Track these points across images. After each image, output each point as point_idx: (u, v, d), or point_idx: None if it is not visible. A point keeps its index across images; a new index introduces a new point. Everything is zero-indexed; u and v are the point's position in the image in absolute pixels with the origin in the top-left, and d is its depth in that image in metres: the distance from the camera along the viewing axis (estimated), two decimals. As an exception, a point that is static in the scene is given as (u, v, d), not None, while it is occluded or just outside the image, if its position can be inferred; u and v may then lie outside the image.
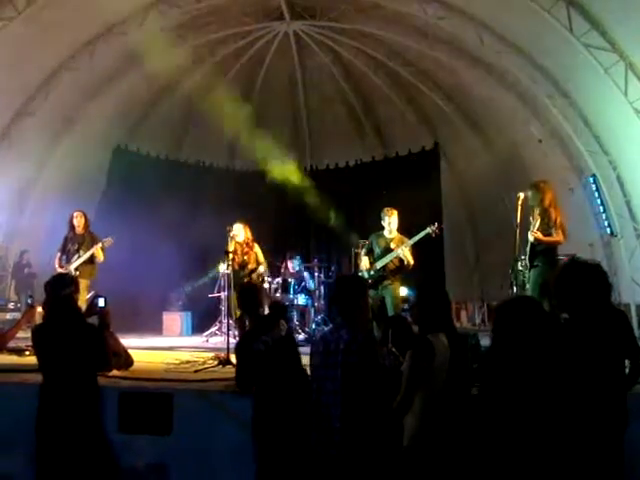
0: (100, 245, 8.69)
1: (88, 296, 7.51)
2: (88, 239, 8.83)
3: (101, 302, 4.75)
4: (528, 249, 7.02)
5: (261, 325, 4.64)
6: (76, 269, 8.59)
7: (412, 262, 8.02)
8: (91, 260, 8.72)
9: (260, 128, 15.39)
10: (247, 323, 7.51)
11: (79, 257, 8.66)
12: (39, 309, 4.91)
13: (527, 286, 7.10)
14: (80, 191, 12.87)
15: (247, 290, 5.22)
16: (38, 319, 4.74)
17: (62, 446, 4.13)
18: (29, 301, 5.37)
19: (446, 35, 12.19)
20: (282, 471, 4.31)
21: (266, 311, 5.33)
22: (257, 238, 9.79)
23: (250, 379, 4.61)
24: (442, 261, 13.20)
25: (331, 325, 4.11)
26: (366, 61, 14.64)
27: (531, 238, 6.92)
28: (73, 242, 8.84)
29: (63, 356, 4.21)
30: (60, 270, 8.51)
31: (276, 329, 4.52)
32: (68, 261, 8.71)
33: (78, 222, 8.90)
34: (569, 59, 10.41)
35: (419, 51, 13.18)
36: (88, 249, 8.68)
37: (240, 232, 9.17)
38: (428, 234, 8.16)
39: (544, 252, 6.97)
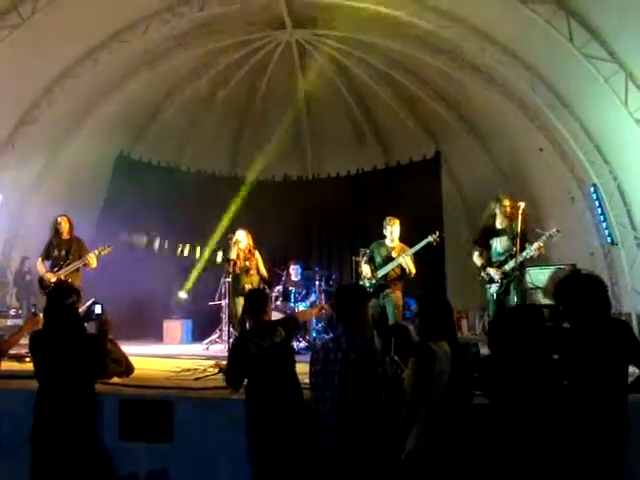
0: (97, 252, 8.61)
1: (88, 303, 7.45)
2: (75, 245, 8.69)
3: (98, 309, 4.77)
4: (517, 263, 7.09)
5: (259, 329, 4.69)
6: (67, 276, 8.43)
7: (414, 271, 8.04)
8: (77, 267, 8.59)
9: (262, 136, 15.47)
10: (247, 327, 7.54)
11: (69, 264, 8.50)
12: (41, 316, 4.93)
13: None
14: (82, 198, 12.91)
15: (255, 294, 5.32)
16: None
17: (57, 453, 4.14)
18: (32, 309, 5.35)
19: (447, 44, 12.22)
20: (277, 475, 4.33)
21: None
22: (258, 246, 9.79)
23: (239, 377, 4.68)
24: (443, 270, 13.20)
25: (332, 334, 4.16)
26: (367, 70, 14.68)
27: (536, 253, 7.04)
28: (60, 248, 8.64)
29: (60, 364, 4.21)
30: (51, 277, 8.43)
31: (272, 335, 4.56)
32: (55, 267, 8.56)
33: (63, 227, 8.69)
34: (569, 69, 10.43)
35: (421, 60, 13.21)
36: (76, 255, 8.58)
37: (243, 238, 9.15)
38: (429, 243, 8.18)
39: (522, 264, 7.28)
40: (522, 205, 7.14)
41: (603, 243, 11.94)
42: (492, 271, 7.30)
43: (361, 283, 8.09)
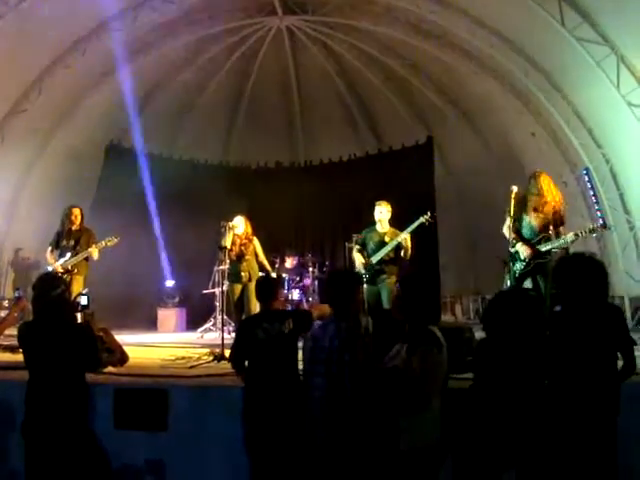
0: (103, 243, 8.57)
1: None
2: (85, 236, 8.66)
3: (83, 300, 4.75)
4: (552, 247, 6.90)
5: (268, 315, 4.69)
6: (73, 266, 8.43)
7: (410, 252, 7.95)
8: (86, 257, 8.59)
9: (254, 123, 15.43)
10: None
11: (76, 254, 8.45)
12: (26, 301, 4.91)
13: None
14: (74, 187, 12.86)
15: (264, 281, 5.29)
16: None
17: (50, 444, 4.12)
18: (17, 294, 5.34)
19: (439, 29, 12.20)
20: (275, 463, 4.34)
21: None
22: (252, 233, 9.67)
23: (242, 360, 4.70)
24: (436, 255, 13.20)
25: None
26: (359, 56, 14.63)
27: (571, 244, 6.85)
28: (69, 238, 8.61)
29: (49, 355, 4.18)
30: (58, 267, 8.41)
31: (281, 325, 4.55)
32: (62, 257, 8.51)
33: (75, 218, 8.68)
34: (561, 52, 10.43)
35: (412, 45, 13.18)
36: (85, 246, 8.52)
37: (240, 224, 9.06)
38: (422, 223, 8.13)
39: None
40: (515, 189, 7.06)
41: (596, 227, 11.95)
42: (521, 248, 6.96)
43: (357, 271, 8.06)
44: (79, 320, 4.89)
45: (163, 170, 13.82)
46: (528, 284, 6.97)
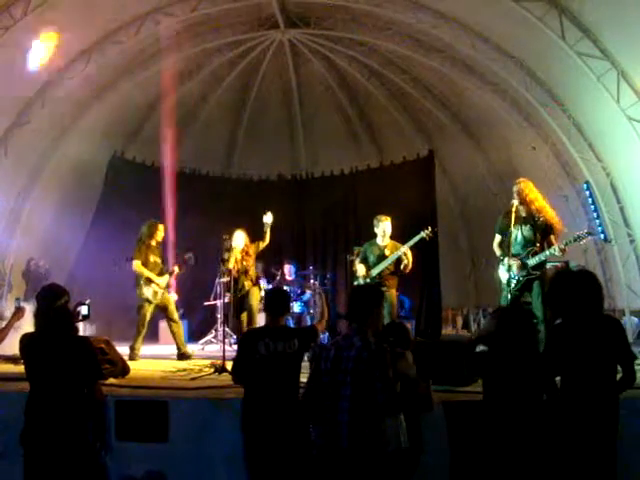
0: (188, 257, 8.95)
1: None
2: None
3: (84, 310, 4.76)
4: (539, 260, 6.73)
5: (274, 331, 4.59)
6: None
7: (411, 265, 8.00)
8: None
9: (255, 136, 15.49)
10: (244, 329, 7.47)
11: (171, 273, 8.83)
12: (26, 310, 4.91)
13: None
14: (76, 199, 12.89)
15: (278, 293, 5.19)
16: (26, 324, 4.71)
17: (49, 456, 4.12)
18: (17, 304, 5.34)
19: (440, 43, 12.26)
20: (274, 476, 4.33)
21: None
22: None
23: (242, 372, 4.63)
24: (437, 267, 13.21)
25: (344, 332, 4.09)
26: (361, 69, 14.72)
27: (560, 254, 6.66)
28: (154, 254, 8.75)
29: (51, 366, 4.18)
30: (161, 284, 8.63)
31: (286, 345, 4.48)
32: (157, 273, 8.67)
33: (161, 235, 8.87)
34: (562, 67, 10.49)
35: (414, 59, 13.26)
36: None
37: (240, 240, 9.06)
38: (422, 238, 8.16)
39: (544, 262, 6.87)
40: (515, 202, 6.97)
41: (596, 240, 11.98)
42: (512, 262, 6.74)
43: (356, 282, 8.08)
44: (80, 330, 4.89)
45: (165, 182, 13.86)
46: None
